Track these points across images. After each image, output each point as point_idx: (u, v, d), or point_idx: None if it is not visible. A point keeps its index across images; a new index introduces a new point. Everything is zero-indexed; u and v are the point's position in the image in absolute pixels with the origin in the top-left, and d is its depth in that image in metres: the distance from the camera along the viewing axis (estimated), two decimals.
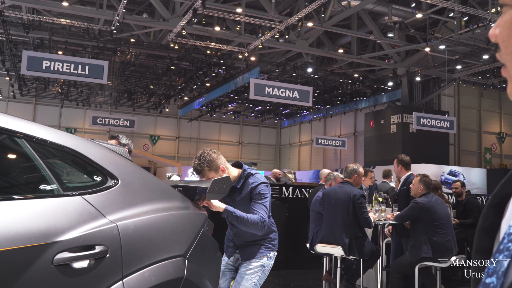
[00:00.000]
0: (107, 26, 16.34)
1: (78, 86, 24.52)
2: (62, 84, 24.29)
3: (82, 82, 23.82)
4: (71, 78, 16.22)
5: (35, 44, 19.59)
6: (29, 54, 12.58)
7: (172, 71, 21.92)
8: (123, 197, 2.23)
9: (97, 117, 21.88)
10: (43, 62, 12.24)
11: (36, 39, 19.43)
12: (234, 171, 3.47)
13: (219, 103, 27.18)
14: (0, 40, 19.00)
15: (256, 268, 3.38)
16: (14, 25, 17.74)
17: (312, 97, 16.20)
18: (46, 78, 23.14)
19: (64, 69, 12.43)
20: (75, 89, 24.91)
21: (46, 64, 12.23)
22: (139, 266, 2.14)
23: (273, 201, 7.46)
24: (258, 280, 3.37)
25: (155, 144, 31.12)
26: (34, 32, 17.95)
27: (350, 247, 5.36)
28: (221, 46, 18.24)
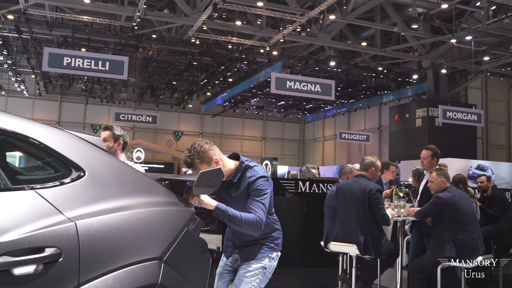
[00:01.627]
0: (129, 23, 16.36)
1: (101, 83, 24.68)
2: (86, 81, 24.51)
3: (105, 79, 24.00)
4: (92, 74, 16.30)
5: (59, 41, 19.76)
6: (50, 51, 12.66)
7: (194, 66, 21.91)
8: (89, 192, 1.95)
9: (120, 113, 22.00)
10: (64, 58, 12.30)
11: (60, 37, 19.59)
12: (230, 163, 3.08)
13: (241, 98, 27.08)
14: (25, 38, 19.19)
15: (256, 270, 3.06)
16: (38, 23, 17.90)
17: (334, 91, 15.96)
18: (70, 75, 23.42)
19: (85, 65, 12.49)
20: (99, 86, 25.09)
21: (67, 61, 12.29)
22: (102, 272, 1.83)
23: (290, 197, 7.25)
24: (259, 284, 3.06)
25: (179, 140, 31.19)
26: (57, 29, 18.09)
27: (365, 245, 4.96)
28: (243, 40, 18.09)
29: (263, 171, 3.06)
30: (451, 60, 19.36)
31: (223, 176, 2.71)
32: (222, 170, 2.84)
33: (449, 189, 5.18)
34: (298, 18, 15.05)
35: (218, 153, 3.03)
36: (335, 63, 20.21)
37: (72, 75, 23.67)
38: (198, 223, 2.50)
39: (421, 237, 5.63)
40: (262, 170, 3.07)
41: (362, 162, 5.49)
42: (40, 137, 1.97)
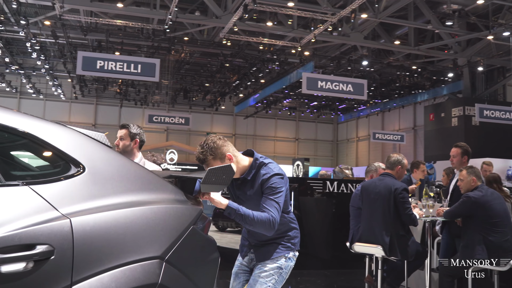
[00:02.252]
0: (161, 26, 16.56)
1: (135, 85, 25.07)
2: (120, 84, 24.91)
3: (139, 82, 24.36)
4: (124, 77, 16.55)
5: (93, 46, 20.16)
6: (84, 54, 12.94)
7: (226, 68, 22.00)
8: (88, 188, 1.90)
9: (153, 115, 22.26)
10: (97, 62, 12.55)
11: (94, 41, 19.99)
12: (244, 160, 2.97)
13: (274, 99, 27.03)
14: (61, 43, 19.65)
15: (271, 270, 2.93)
16: (73, 28, 18.31)
17: (366, 90, 15.76)
18: (105, 79, 23.86)
19: (118, 68, 12.70)
20: (133, 88, 25.47)
21: (100, 64, 12.53)
22: (97, 270, 1.77)
23: (318, 197, 7.16)
24: (274, 284, 2.93)
25: None
26: (92, 34, 18.45)
27: (391, 246, 4.78)
28: (274, 41, 18.08)
29: (278, 168, 2.95)
30: (488, 57, 18.87)
31: (233, 173, 2.57)
32: (235, 167, 2.83)
33: (480, 188, 4.94)
34: (330, 18, 14.93)
35: (231, 149, 2.93)
36: (367, 62, 19.96)
37: (107, 78, 24.08)
38: (207, 222, 2.42)
39: (451, 238, 5.39)
40: (277, 168, 2.96)
41: (388, 160, 5.30)
42: (39, 132, 1.93)
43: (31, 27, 17.73)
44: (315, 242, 7.05)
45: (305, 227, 6.86)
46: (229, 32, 16.75)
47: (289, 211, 3.06)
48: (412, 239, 4.99)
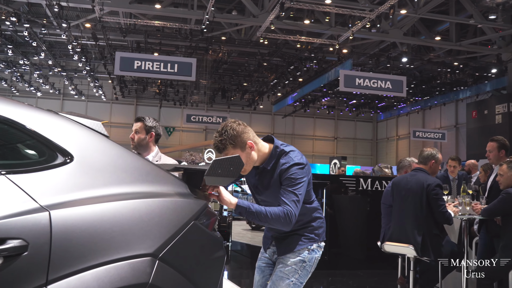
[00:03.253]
0: (198, 26, 16.67)
1: (174, 86, 25.37)
2: (159, 84, 25.25)
3: (178, 82, 24.66)
4: (161, 77, 16.76)
5: (133, 47, 20.49)
6: (122, 55, 13.18)
7: (263, 67, 21.98)
8: (75, 179, 1.75)
9: (191, 115, 22.49)
10: (134, 62, 12.77)
11: (134, 43, 20.31)
12: (264, 147, 2.71)
13: (312, 98, 26.86)
14: (101, 45, 20.07)
15: (294, 264, 2.71)
16: (112, 30, 18.66)
17: (405, 87, 15.44)
18: (144, 79, 24.26)
19: (155, 68, 12.88)
20: (172, 89, 25.78)
21: (137, 64, 12.74)
22: (77, 268, 1.61)
23: (352, 195, 7.01)
24: (298, 279, 2.70)
25: None
26: (131, 35, 18.75)
27: (423, 246, 4.48)
28: (311, 39, 17.93)
29: (299, 157, 2.68)
30: None
31: (242, 165, 2.33)
32: (256, 156, 2.65)
33: None
34: (368, 14, 14.69)
35: (252, 135, 2.67)
36: (407, 59, 19.56)
37: (146, 79, 24.49)
38: (213, 217, 2.23)
39: (490, 238, 5.09)
40: (298, 156, 2.69)
41: (421, 154, 5.00)
42: (24, 120, 1.79)
43: (73, 30, 18.17)
44: (349, 242, 6.90)
45: (338, 226, 6.73)
46: (266, 31, 16.70)
47: (312, 200, 2.83)
48: (446, 238, 4.71)
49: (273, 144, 2.75)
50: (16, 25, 17.17)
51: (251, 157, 2.65)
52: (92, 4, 14.52)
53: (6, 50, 20.63)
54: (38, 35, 18.71)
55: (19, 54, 21.30)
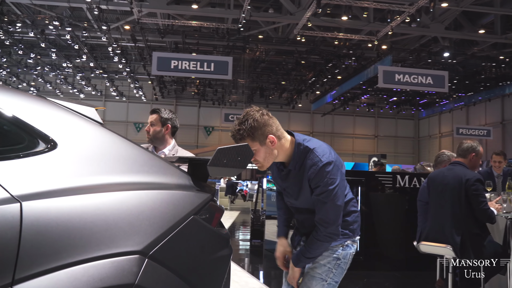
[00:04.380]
0: (235, 25, 16.68)
1: (212, 85, 25.50)
2: (198, 84, 25.43)
3: (216, 82, 24.77)
4: (198, 76, 16.83)
5: (171, 47, 20.68)
6: (158, 55, 13.32)
7: (301, 65, 21.81)
8: (57, 167, 1.60)
9: (229, 114, 22.60)
10: (171, 62, 12.87)
11: (172, 43, 20.50)
12: (286, 143, 2.43)
13: (351, 95, 26.50)
14: (141, 46, 20.34)
15: (328, 263, 2.48)
16: (151, 31, 18.88)
17: (447, 83, 14.98)
18: (183, 80, 24.49)
19: (191, 67, 12.94)
20: (210, 88, 25.93)
21: (174, 64, 12.83)
22: (50, 267, 1.44)
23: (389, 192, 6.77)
24: (333, 278, 2.48)
25: None
26: (169, 36, 18.93)
27: (462, 247, 4.13)
28: (350, 36, 17.66)
29: (327, 154, 2.38)
30: None
31: (251, 155, 2.09)
32: (277, 154, 2.41)
33: None
34: (407, 8, 14.33)
35: (275, 128, 2.38)
36: (449, 54, 19.02)
37: (185, 79, 24.72)
38: (217, 212, 2.03)
39: None
40: (326, 152, 2.39)
41: (460, 146, 4.58)
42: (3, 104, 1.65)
43: (113, 32, 18.50)
44: (386, 241, 6.65)
45: (374, 224, 6.50)
46: (303, 28, 16.56)
47: (345, 194, 2.54)
48: (489, 238, 4.33)
49: (295, 140, 2.45)
50: (58, 29, 17.61)
51: (271, 153, 2.39)
52: (131, 6, 14.72)
53: (50, 54, 21.21)
54: (80, 39, 19.14)
55: (62, 57, 21.85)
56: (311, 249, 2.42)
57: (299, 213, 2.63)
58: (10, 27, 17.59)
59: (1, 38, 19.00)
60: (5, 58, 22.66)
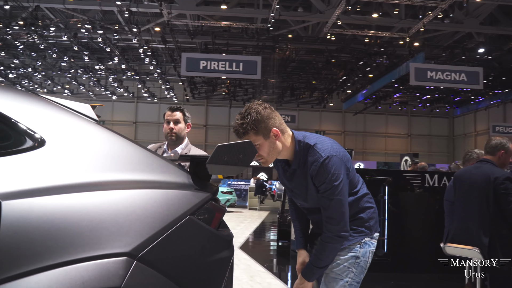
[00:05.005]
0: (264, 25, 16.64)
1: (243, 86, 25.53)
2: (228, 85, 25.50)
3: (246, 82, 24.80)
4: (227, 76, 16.84)
5: (201, 48, 20.78)
6: (188, 56, 13.38)
7: (332, 64, 21.62)
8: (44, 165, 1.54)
9: None
10: (200, 62, 12.91)
11: (202, 44, 20.60)
12: (288, 140, 2.34)
13: (383, 94, 26.14)
14: (171, 48, 20.50)
15: (346, 262, 2.36)
16: (181, 32, 19.02)
17: (482, 79, 14.59)
18: (214, 80, 24.59)
19: (220, 68, 12.96)
20: (241, 89, 25.96)
21: (203, 64, 12.87)
22: (28, 269, 1.37)
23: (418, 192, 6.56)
24: (353, 278, 2.37)
25: None
26: (198, 37, 19.02)
27: (491, 249, 3.87)
28: (381, 33, 17.41)
29: (329, 149, 2.27)
30: None
31: (255, 152, 1.98)
32: (280, 148, 2.30)
33: None
34: (440, 4, 14.03)
35: (278, 122, 2.29)
36: (485, 50, 18.52)
37: (215, 80, 24.83)
38: (217, 212, 1.91)
39: None
40: (327, 147, 2.28)
41: (488, 143, 4.29)
42: None
43: (143, 34, 18.70)
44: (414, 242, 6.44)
45: (402, 225, 6.32)
46: (333, 26, 16.42)
47: (358, 190, 2.43)
48: None
49: (295, 138, 2.35)
50: (90, 32, 17.93)
51: (275, 147, 2.29)
52: (160, 8, 14.84)
53: (83, 57, 21.63)
54: (111, 41, 19.42)
55: (95, 60, 22.25)
56: (322, 256, 2.31)
57: (312, 213, 2.52)
58: (45, 32, 18.01)
59: (36, 42, 19.49)
60: (40, 62, 23.22)
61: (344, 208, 2.26)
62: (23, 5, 15.97)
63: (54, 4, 16.62)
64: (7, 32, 17.71)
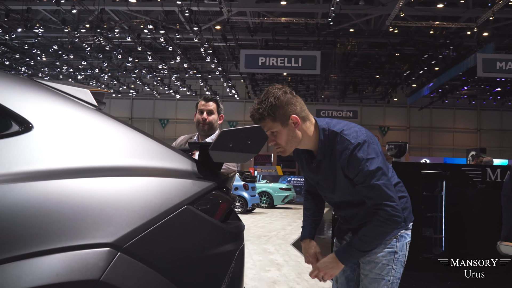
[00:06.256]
0: (325, 19, 16.43)
1: (304, 82, 25.38)
2: (290, 81, 25.42)
3: (308, 78, 24.64)
4: (286, 72, 16.75)
5: (262, 45, 20.81)
6: (246, 52, 13.42)
7: (395, 57, 21.06)
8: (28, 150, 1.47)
9: (321, 109, 22.38)
10: (259, 58, 12.92)
11: (263, 41, 20.63)
12: (311, 128, 2.17)
13: (450, 87, 25.20)
14: (232, 46, 20.65)
15: (384, 259, 2.19)
16: (241, 30, 19.11)
17: None
18: (275, 77, 24.61)
19: (279, 64, 12.91)
20: (302, 85, 25.81)
21: (262, 61, 12.87)
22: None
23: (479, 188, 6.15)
24: (394, 275, 2.20)
25: (385, 135, 30.39)
26: (258, 34, 19.04)
27: None
28: (447, 24, 16.77)
29: (358, 134, 2.11)
30: None
31: (266, 138, 1.81)
32: (301, 137, 2.14)
33: None
34: None
35: (299, 108, 2.11)
36: None
37: (277, 76, 24.83)
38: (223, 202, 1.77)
39: None
40: (356, 133, 2.12)
41: None
42: None
43: (204, 33, 18.94)
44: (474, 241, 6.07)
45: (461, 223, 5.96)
46: (396, 19, 15.99)
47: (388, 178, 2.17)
48: None
49: (318, 126, 2.16)
50: (153, 33, 18.36)
51: (294, 136, 2.13)
52: (220, 6, 14.97)
53: (147, 57, 22.21)
54: (173, 41, 19.81)
55: (158, 59, 22.78)
56: (368, 239, 2.11)
57: (340, 209, 2.37)
58: (110, 33, 18.61)
59: (102, 44, 20.20)
60: (106, 63, 24.05)
61: (390, 191, 2.06)
62: (89, 9, 16.59)
63: (118, 7, 17.15)
64: (75, 35, 18.47)
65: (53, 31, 19.76)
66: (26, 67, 25.59)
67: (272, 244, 9.51)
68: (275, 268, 6.92)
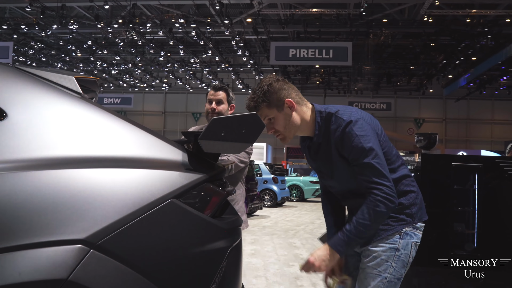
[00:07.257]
0: (357, 10, 16.14)
1: (337, 74, 25.08)
2: (322, 73, 25.16)
3: (341, 70, 24.33)
4: (317, 63, 16.51)
5: (293, 37, 20.61)
6: (276, 44, 13.34)
7: (430, 48, 20.58)
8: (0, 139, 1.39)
9: (353, 102, 22.06)
10: (289, 50, 12.79)
11: (295, 33, 20.44)
12: (307, 112, 2.16)
13: (488, 77, 24.46)
14: (263, 38, 20.53)
15: (384, 254, 2.06)
16: (272, 22, 18.97)
17: None
18: (307, 69, 24.39)
19: (309, 55, 12.75)
20: (335, 77, 25.51)
21: (292, 52, 12.73)
22: None
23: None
24: (393, 273, 2.05)
25: (420, 127, 29.81)
26: (290, 26, 18.86)
27: None
28: (484, 11, 16.25)
29: (352, 113, 2.08)
30: None
31: (262, 126, 1.69)
32: (299, 121, 2.13)
33: None
34: None
35: (294, 94, 2.13)
36: None
37: (309, 69, 24.60)
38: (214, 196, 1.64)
39: None
40: (351, 112, 2.08)
41: None
42: None
43: (235, 26, 18.88)
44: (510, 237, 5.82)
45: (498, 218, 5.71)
46: (430, 8, 15.60)
47: (394, 168, 2.12)
48: None
49: (315, 109, 2.16)
50: (184, 27, 18.42)
51: (292, 120, 2.12)
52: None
53: (179, 51, 22.32)
54: (204, 34, 19.82)
55: (190, 53, 22.85)
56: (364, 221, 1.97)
57: (345, 199, 2.28)
58: (142, 28, 18.77)
59: (135, 39, 20.40)
60: (139, 58, 24.29)
61: (384, 171, 1.98)
62: (122, 4, 16.75)
63: (150, 1, 17.26)
64: (108, 30, 18.70)
65: (87, 27, 20.06)
66: (62, 63, 26.08)
67: (298, 238, 9.41)
68: (299, 263, 6.83)
